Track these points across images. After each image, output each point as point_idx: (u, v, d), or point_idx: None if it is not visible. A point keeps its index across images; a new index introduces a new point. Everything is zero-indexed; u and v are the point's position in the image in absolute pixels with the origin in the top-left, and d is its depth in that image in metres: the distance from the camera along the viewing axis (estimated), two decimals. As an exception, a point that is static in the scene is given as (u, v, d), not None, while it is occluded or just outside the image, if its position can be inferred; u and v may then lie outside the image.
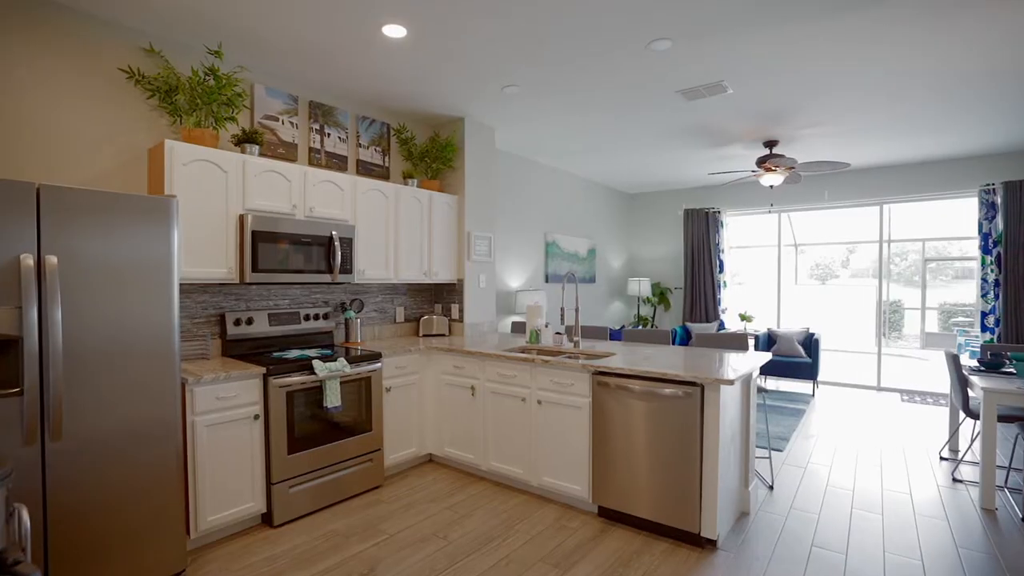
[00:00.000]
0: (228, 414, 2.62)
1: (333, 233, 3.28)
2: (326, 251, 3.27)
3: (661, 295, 7.68)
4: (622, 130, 4.71)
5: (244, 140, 3.05)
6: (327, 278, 3.28)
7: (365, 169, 3.96)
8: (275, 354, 3.14)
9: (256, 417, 2.73)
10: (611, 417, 2.83)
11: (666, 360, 2.95)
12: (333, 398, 3.00)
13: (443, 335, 4.26)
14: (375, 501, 3.13)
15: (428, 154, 4.22)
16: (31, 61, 2.46)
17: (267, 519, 2.81)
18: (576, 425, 2.96)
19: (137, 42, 2.80)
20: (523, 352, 3.52)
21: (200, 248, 2.76)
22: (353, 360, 3.16)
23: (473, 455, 3.45)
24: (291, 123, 3.48)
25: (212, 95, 2.87)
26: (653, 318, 7.74)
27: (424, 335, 4.23)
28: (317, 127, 3.63)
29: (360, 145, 3.92)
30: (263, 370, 2.74)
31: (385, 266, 3.75)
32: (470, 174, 4.35)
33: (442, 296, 4.50)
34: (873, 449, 4.08)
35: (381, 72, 3.37)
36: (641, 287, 7.39)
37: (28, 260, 1.84)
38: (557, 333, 3.65)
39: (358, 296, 3.95)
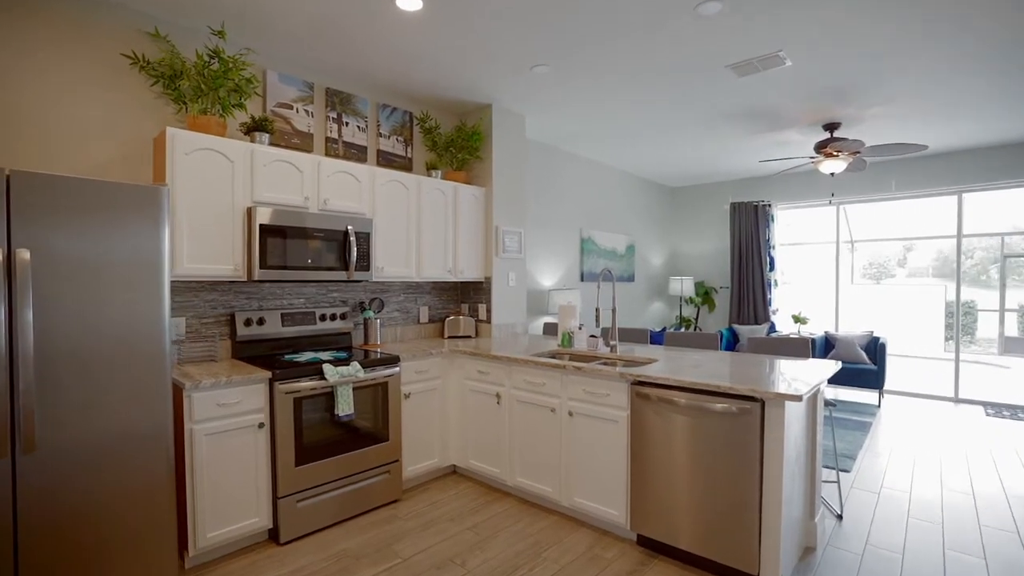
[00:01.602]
0: (230, 422, 2.41)
1: (349, 227, 3.05)
2: (341, 247, 3.05)
3: (705, 295, 7.19)
4: (663, 115, 4.31)
5: (254, 128, 2.86)
6: (342, 275, 3.05)
7: (386, 160, 3.73)
8: (287, 356, 2.94)
9: (261, 425, 2.52)
10: (652, 433, 2.47)
11: (715, 368, 2.57)
12: (345, 405, 2.77)
13: (469, 337, 3.99)
14: (391, 517, 2.88)
15: (454, 143, 3.96)
16: (29, 47, 2.33)
17: (274, 535, 2.60)
18: (612, 441, 2.62)
19: (141, 26, 2.65)
20: (553, 357, 3.20)
21: (204, 243, 2.58)
22: (368, 364, 2.92)
23: (499, 469, 3.16)
24: (306, 111, 3.28)
25: (218, 80, 2.68)
26: (696, 320, 7.25)
27: (449, 336, 3.97)
28: (334, 116, 3.42)
29: (380, 135, 3.70)
30: (268, 374, 2.53)
31: (406, 263, 3.50)
32: (498, 164, 4.06)
33: (469, 295, 4.23)
34: (960, 473, 3.54)
35: (398, 51, 3.11)
36: (684, 286, 6.92)
37: (-3, 253, 1.66)
38: (592, 336, 3.31)
39: (378, 295, 3.73)
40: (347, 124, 3.50)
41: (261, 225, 2.71)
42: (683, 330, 5.14)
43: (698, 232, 7.47)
